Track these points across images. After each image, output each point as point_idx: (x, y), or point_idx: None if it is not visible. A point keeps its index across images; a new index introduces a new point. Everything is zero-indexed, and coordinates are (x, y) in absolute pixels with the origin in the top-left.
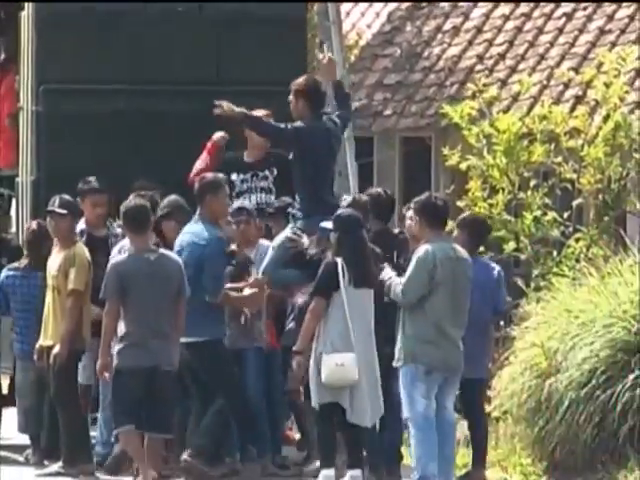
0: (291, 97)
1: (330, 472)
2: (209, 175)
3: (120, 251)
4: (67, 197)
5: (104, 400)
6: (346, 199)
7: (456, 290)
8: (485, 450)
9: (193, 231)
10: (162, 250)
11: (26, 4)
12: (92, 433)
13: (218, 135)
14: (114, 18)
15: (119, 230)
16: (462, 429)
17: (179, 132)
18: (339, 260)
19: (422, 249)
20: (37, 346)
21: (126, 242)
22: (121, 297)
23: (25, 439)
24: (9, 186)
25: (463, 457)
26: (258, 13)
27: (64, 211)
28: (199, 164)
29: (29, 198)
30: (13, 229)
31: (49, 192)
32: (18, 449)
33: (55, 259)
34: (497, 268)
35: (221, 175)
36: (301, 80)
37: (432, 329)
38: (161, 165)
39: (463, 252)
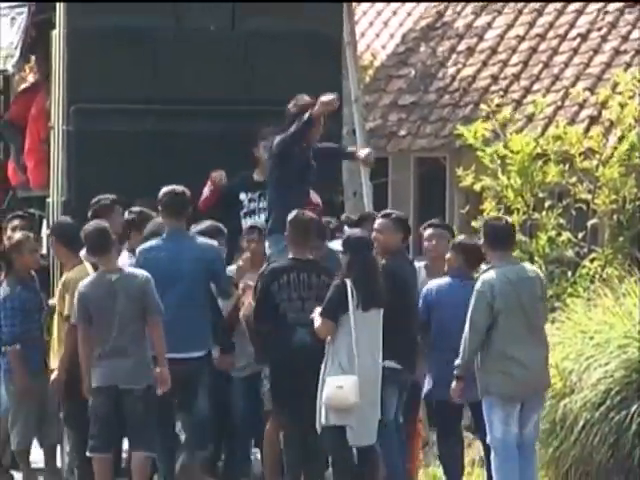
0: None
1: None
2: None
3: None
4: (67, 220)
5: None
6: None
7: (527, 311)
8: None
9: (190, 245)
10: (129, 269)
11: (57, 23)
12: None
13: (217, 174)
14: (145, 37)
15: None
16: (478, 450)
17: (210, 152)
18: (348, 282)
19: (480, 281)
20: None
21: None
22: (88, 320)
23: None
24: (40, 207)
25: (478, 477)
26: (292, 31)
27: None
28: (205, 192)
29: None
30: (44, 250)
31: (79, 213)
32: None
33: (59, 283)
34: None
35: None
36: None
37: (501, 359)
38: (192, 185)
39: (530, 270)
